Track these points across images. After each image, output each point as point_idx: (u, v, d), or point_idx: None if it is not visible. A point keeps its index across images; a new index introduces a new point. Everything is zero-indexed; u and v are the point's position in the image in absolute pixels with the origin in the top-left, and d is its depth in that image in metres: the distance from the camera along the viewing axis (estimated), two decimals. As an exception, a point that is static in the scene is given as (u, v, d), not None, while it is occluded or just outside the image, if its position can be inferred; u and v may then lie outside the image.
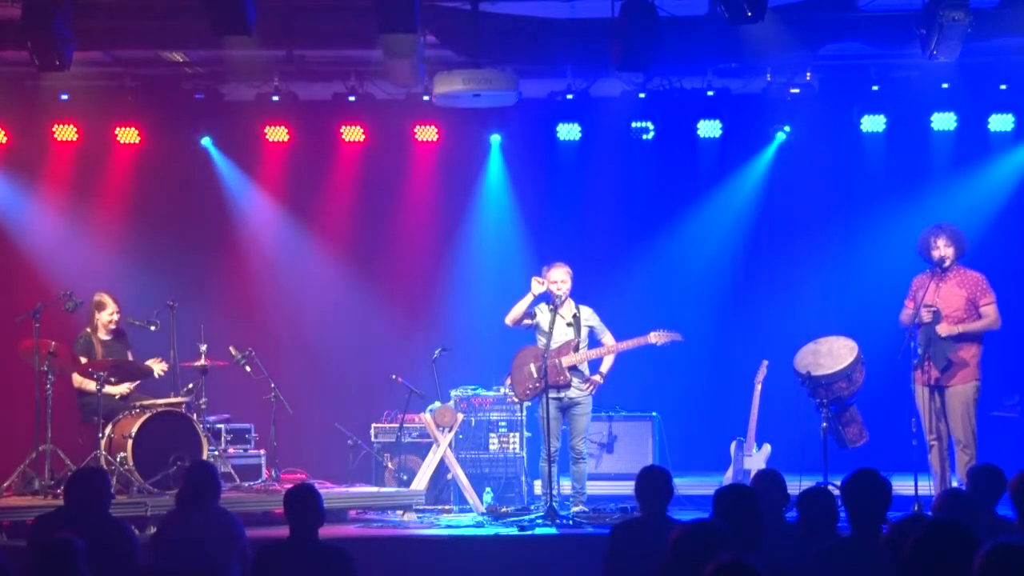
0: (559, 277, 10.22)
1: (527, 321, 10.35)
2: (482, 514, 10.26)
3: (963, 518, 4.84)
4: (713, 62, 11.64)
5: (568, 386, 10.23)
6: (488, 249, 13.08)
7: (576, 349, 10.24)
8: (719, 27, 10.04)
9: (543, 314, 10.33)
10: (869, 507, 5.69)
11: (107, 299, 10.78)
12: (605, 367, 10.38)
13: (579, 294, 10.52)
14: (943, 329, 9.69)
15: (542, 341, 10.25)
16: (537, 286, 10.21)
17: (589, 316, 10.39)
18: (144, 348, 11.00)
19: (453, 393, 11.29)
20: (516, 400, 10.65)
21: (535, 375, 10.19)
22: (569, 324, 10.22)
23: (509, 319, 10.38)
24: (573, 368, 10.25)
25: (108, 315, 10.72)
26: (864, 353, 10.04)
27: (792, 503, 6.59)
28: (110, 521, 6.53)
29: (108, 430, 10.16)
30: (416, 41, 10.12)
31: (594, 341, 10.37)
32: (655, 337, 10.29)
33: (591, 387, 10.31)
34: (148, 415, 10.10)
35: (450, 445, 10.79)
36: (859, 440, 10.17)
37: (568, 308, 10.27)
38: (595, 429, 11.33)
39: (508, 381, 10.63)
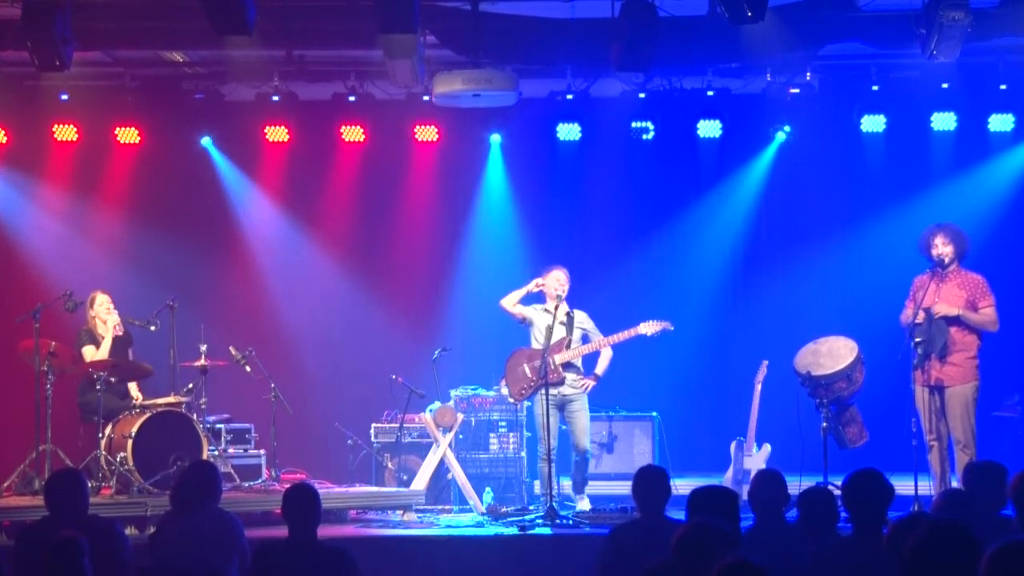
0: (561, 278, 10.31)
1: (518, 311, 10.40)
2: (482, 514, 10.26)
3: (963, 518, 4.85)
4: (713, 62, 11.62)
5: (562, 383, 10.26)
6: (488, 249, 13.07)
7: (568, 346, 10.29)
8: (719, 27, 10.04)
9: (539, 315, 10.37)
10: (870, 507, 5.68)
11: (101, 295, 10.81)
12: (600, 368, 10.42)
13: (579, 294, 10.55)
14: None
15: (538, 341, 10.28)
16: (534, 286, 10.32)
17: (583, 320, 10.46)
18: (144, 348, 11.01)
19: (453, 393, 11.29)
20: (512, 400, 10.67)
21: (529, 375, 10.23)
22: (562, 323, 10.30)
23: (506, 301, 10.47)
24: (568, 365, 10.28)
25: (103, 309, 10.69)
26: (864, 353, 10.04)
27: (792, 503, 6.59)
28: (95, 520, 6.51)
29: (108, 430, 10.16)
30: (416, 41, 10.11)
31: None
32: (645, 327, 10.30)
33: (584, 385, 10.34)
34: (148, 415, 10.09)
35: (450, 445, 10.79)
36: (859, 440, 10.17)
37: (562, 309, 10.32)
38: (595, 429, 11.33)
39: (503, 382, 10.65)
